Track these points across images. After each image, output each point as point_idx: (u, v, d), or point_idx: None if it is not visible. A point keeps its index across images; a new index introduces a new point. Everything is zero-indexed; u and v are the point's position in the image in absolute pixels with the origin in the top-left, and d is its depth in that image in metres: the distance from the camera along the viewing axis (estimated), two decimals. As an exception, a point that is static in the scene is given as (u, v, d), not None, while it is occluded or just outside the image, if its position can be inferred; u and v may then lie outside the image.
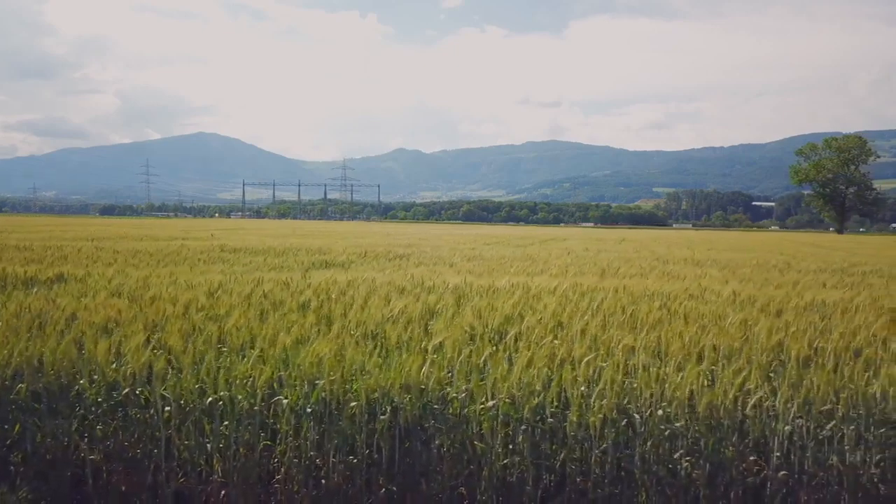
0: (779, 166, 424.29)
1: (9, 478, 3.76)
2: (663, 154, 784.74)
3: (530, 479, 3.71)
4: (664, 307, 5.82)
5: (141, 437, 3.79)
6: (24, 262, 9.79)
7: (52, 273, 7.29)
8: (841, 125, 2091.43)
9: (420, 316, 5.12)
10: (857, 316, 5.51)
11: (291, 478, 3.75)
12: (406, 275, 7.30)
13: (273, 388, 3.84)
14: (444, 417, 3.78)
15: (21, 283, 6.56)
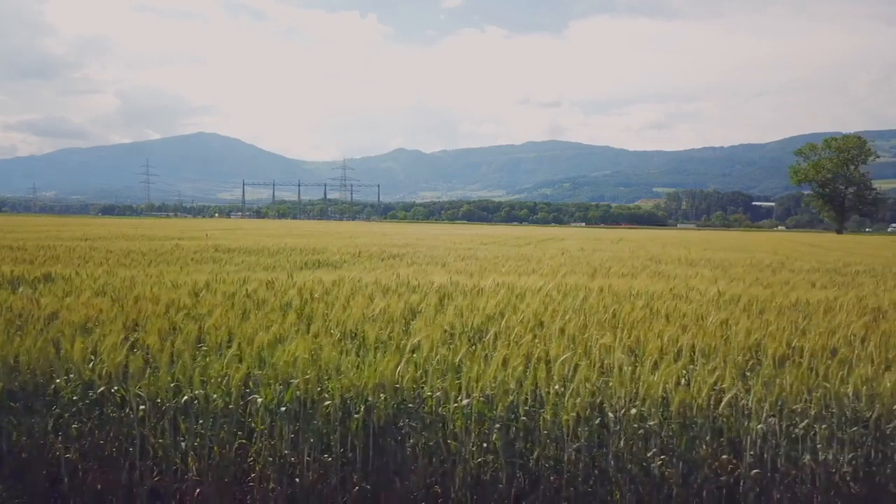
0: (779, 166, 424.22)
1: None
2: (663, 154, 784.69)
3: (504, 477, 3.72)
4: (647, 306, 5.83)
5: (117, 435, 3.80)
6: (14, 261, 9.81)
7: (40, 273, 7.30)
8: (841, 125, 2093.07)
9: (401, 315, 5.13)
10: (839, 315, 5.52)
11: (266, 476, 3.76)
12: (393, 274, 7.31)
13: (249, 386, 3.86)
14: (418, 416, 3.80)
15: (7, 283, 6.58)
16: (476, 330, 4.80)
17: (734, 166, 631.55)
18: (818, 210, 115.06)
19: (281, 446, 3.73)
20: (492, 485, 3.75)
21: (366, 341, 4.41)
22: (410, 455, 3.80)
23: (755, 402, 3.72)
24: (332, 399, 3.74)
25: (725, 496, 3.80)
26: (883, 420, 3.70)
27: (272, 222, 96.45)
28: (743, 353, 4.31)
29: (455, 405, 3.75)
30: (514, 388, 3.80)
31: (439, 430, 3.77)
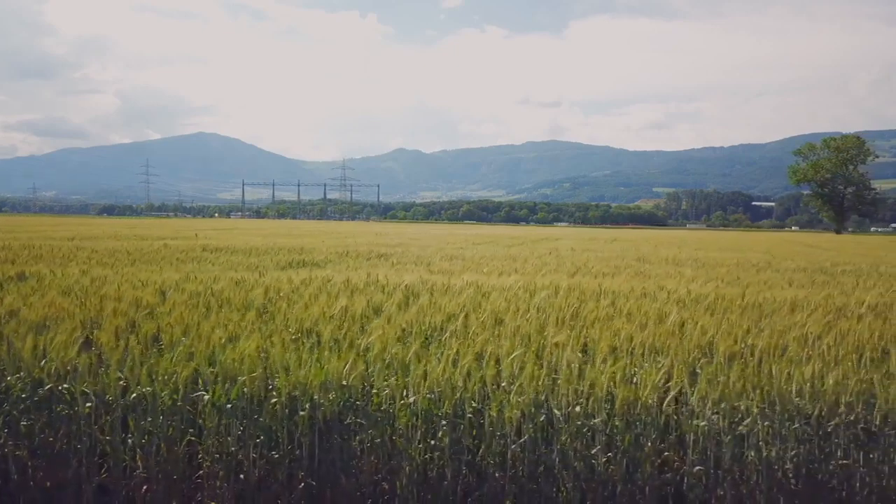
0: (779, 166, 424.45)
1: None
2: (663, 154, 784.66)
3: (450, 473, 3.75)
4: (612, 305, 5.86)
5: (66, 432, 3.82)
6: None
7: (14, 272, 7.33)
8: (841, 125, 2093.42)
9: (362, 314, 5.16)
10: (801, 314, 5.54)
11: (215, 473, 3.79)
12: (364, 273, 7.34)
13: (198, 384, 3.88)
14: (365, 413, 3.82)
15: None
16: (433, 329, 4.83)
17: (734, 166, 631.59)
18: (817, 210, 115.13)
19: (228, 443, 3.76)
20: (438, 481, 3.77)
21: (320, 339, 4.43)
22: (357, 452, 3.83)
23: (697, 399, 3.75)
24: (278, 396, 3.77)
25: (672, 493, 3.84)
26: (825, 417, 3.73)
27: (270, 222, 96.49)
28: (694, 352, 4.33)
29: (402, 402, 3.77)
30: (461, 385, 3.82)
31: (387, 428, 3.79)
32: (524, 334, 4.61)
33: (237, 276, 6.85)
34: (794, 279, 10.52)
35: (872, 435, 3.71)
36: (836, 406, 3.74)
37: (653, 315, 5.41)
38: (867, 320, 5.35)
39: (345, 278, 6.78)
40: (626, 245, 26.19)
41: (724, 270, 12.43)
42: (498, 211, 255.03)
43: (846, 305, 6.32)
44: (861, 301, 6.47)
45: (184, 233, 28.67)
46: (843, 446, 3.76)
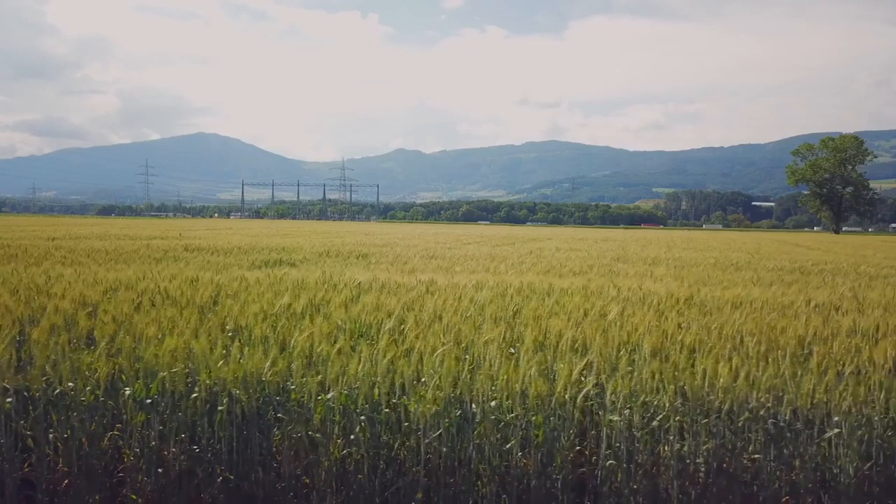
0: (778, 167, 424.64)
1: None
2: (663, 154, 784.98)
3: (366, 468, 3.80)
4: (557, 303, 5.91)
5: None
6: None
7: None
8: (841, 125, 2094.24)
9: (302, 311, 5.21)
10: (741, 312, 5.59)
11: (137, 468, 3.84)
12: (319, 272, 7.40)
13: (122, 379, 3.94)
14: (284, 409, 3.88)
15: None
16: (368, 326, 4.88)
17: (734, 167, 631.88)
18: (814, 210, 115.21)
19: (148, 438, 3.81)
20: (355, 475, 3.83)
21: (251, 337, 4.48)
22: (276, 447, 3.88)
23: (610, 394, 3.80)
24: (199, 392, 3.83)
25: (589, 488, 3.89)
26: (736, 412, 3.78)
27: (267, 222, 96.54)
28: (618, 348, 4.39)
29: (319, 398, 3.83)
30: (379, 380, 3.87)
31: (305, 423, 3.84)
32: (457, 331, 4.66)
33: (194, 274, 6.91)
34: (763, 278, 10.58)
35: (781, 429, 3.76)
36: (747, 401, 3.80)
37: (593, 312, 5.47)
38: (806, 318, 5.40)
39: (302, 277, 6.83)
40: (614, 245, 26.24)
41: (697, 270, 12.50)
42: (497, 211, 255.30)
43: (793, 303, 6.37)
44: (808, 300, 6.53)
45: (174, 233, 28.73)
46: (754, 441, 3.82)
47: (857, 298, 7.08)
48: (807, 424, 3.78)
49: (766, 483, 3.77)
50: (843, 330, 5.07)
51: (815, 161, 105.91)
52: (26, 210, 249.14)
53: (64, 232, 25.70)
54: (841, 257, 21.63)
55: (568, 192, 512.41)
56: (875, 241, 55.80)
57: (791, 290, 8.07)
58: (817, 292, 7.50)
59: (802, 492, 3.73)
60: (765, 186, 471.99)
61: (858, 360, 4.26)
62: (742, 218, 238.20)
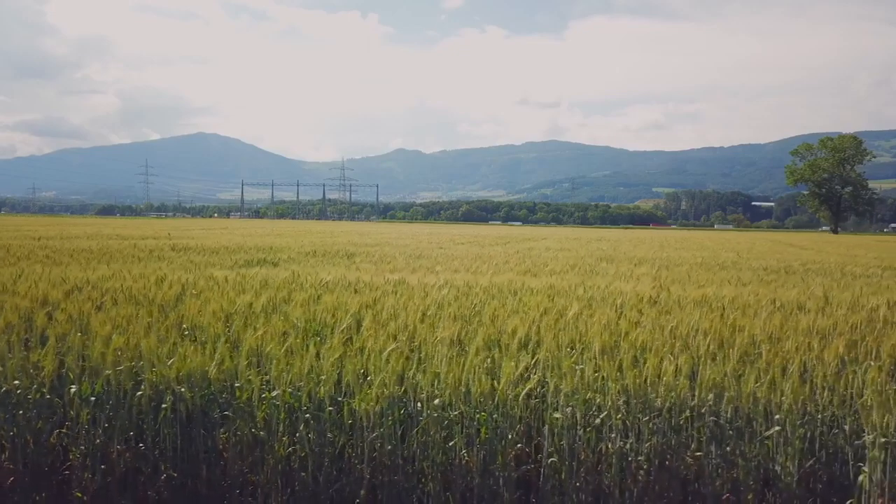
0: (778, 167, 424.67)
1: None
2: (663, 154, 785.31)
3: (311, 465, 3.82)
4: (520, 301, 5.93)
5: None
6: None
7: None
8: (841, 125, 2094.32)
9: (262, 310, 5.23)
10: (701, 311, 5.61)
11: (83, 465, 3.86)
12: (287, 272, 7.41)
13: (70, 377, 3.96)
14: (231, 407, 3.89)
15: None
16: (324, 325, 4.90)
17: (734, 167, 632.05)
18: (813, 210, 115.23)
19: (94, 436, 3.83)
20: (300, 473, 3.84)
21: (204, 334, 4.50)
22: (223, 445, 3.90)
23: (553, 391, 3.82)
24: (145, 390, 3.85)
25: (534, 485, 3.91)
26: (674, 410, 3.80)
27: (265, 222, 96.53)
28: (568, 346, 4.40)
29: (263, 396, 3.85)
30: (325, 379, 3.89)
31: (251, 421, 3.86)
32: (412, 330, 4.67)
33: (164, 273, 6.92)
34: (742, 277, 10.59)
35: (723, 428, 3.78)
36: (690, 400, 3.82)
37: (554, 312, 5.48)
38: (766, 317, 5.42)
39: (270, 276, 6.85)
40: (606, 245, 26.25)
41: (680, 269, 12.50)
42: (497, 211, 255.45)
43: (759, 303, 6.39)
44: (774, 299, 6.54)
45: (166, 233, 28.75)
46: (696, 439, 3.83)
47: (826, 298, 7.09)
48: (748, 422, 3.79)
49: (707, 480, 3.79)
50: (800, 329, 5.08)
51: (813, 161, 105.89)
52: (26, 210, 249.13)
53: (56, 232, 25.72)
54: (831, 257, 21.64)
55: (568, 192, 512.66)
56: (871, 240, 55.80)
57: (765, 289, 8.09)
58: (788, 292, 7.51)
59: (743, 489, 3.74)
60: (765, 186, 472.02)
61: (807, 359, 4.27)
62: (742, 218, 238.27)
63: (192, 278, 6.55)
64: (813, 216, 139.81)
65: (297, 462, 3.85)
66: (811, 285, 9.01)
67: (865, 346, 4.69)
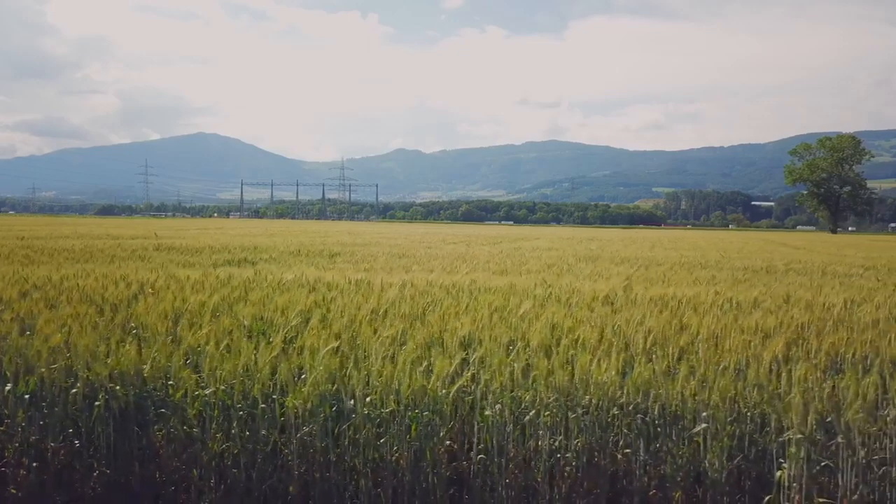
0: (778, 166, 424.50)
1: None
2: (663, 154, 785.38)
3: (243, 461, 3.85)
4: (475, 299, 5.97)
5: None
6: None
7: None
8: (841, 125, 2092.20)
9: (212, 309, 5.26)
10: (651, 310, 5.64)
11: (19, 462, 3.90)
12: (251, 271, 7.45)
13: (6, 375, 3.99)
14: (164, 404, 3.93)
15: None
16: (269, 324, 4.93)
17: (734, 166, 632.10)
18: (812, 210, 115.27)
19: (28, 433, 3.87)
20: (233, 470, 3.88)
21: (147, 333, 4.54)
22: (158, 442, 3.94)
23: (482, 388, 3.86)
24: (78, 388, 3.88)
25: (466, 482, 3.94)
26: (603, 408, 3.83)
27: (263, 222, 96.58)
28: (507, 344, 4.44)
29: (197, 393, 3.88)
30: (259, 376, 3.92)
31: (184, 418, 3.90)
32: (356, 329, 4.71)
33: (126, 273, 6.97)
34: (716, 277, 10.62)
35: (650, 425, 3.81)
36: (618, 397, 3.85)
37: (507, 310, 5.51)
38: (715, 316, 5.46)
39: (233, 275, 6.89)
40: (596, 245, 26.28)
41: (660, 268, 12.54)
42: (497, 211, 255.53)
43: (716, 302, 6.42)
44: (731, 298, 6.58)
45: (161, 232, 28.80)
46: (625, 436, 3.87)
47: (787, 297, 7.13)
48: (675, 420, 3.83)
49: (635, 477, 3.82)
50: (746, 328, 5.11)
51: (812, 161, 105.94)
52: (26, 210, 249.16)
53: (47, 232, 25.76)
54: (819, 257, 21.67)
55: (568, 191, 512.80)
56: (867, 240, 55.79)
57: (731, 288, 8.11)
58: (751, 291, 7.54)
59: (669, 485, 3.78)
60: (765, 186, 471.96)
61: (743, 357, 4.30)
62: (741, 218, 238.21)
63: (153, 278, 6.59)
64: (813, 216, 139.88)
65: (230, 459, 3.89)
66: (780, 285, 9.04)
67: (806, 345, 4.73)
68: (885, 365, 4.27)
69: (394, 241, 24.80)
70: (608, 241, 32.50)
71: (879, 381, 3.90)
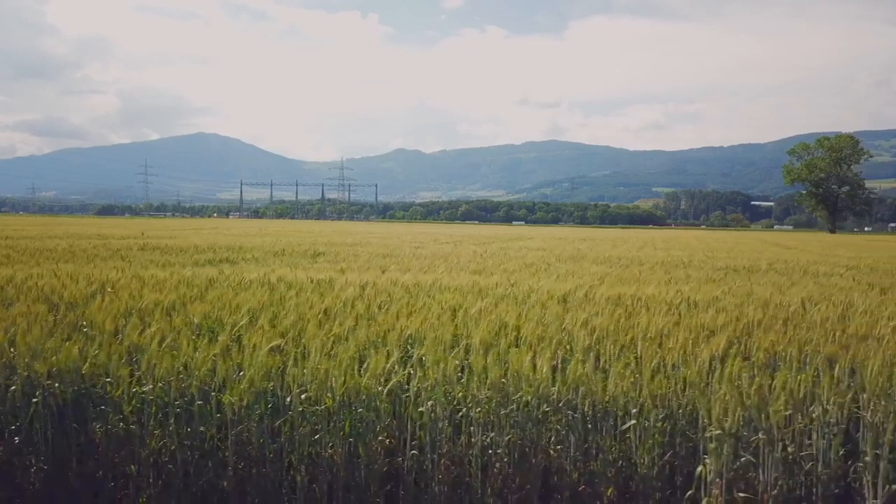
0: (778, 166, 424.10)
1: None
2: (663, 154, 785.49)
3: (179, 457, 3.91)
4: (431, 298, 6.02)
5: None
6: None
7: None
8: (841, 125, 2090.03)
9: (166, 308, 5.32)
10: (602, 309, 5.70)
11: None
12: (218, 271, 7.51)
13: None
14: (104, 401, 3.98)
15: None
16: (219, 322, 4.99)
17: (734, 166, 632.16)
18: (810, 210, 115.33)
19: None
20: (169, 465, 3.93)
21: (94, 330, 4.59)
22: (95, 438, 3.99)
23: (415, 385, 3.91)
24: (17, 385, 3.94)
25: (401, 478, 3.99)
26: (534, 404, 3.88)
27: (261, 222, 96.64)
28: (449, 342, 4.49)
29: (135, 390, 3.94)
30: (199, 374, 3.98)
31: (121, 415, 3.95)
32: (302, 328, 4.75)
33: (93, 272, 7.02)
34: (691, 276, 10.68)
35: (579, 421, 3.87)
36: (550, 394, 3.90)
37: (462, 308, 5.56)
38: (664, 315, 5.51)
39: (195, 275, 6.94)
40: (585, 245, 26.33)
41: (640, 268, 12.59)
42: (497, 211, 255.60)
43: (672, 301, 6.47)
44: (687, 297, 6.63)
45: (149, 232, 28.87)
46: (556, 432, 3.92)
47: (748, 295, 7.19)
48: (605, 417, 3.88)
49: (566, 473, 3.87)
50: (694, 325, 5.16)
51: (810, 161, 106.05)
52: (26, 210, 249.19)
53: (38, 232, 25.82)
54: (808, 256, 21.73)
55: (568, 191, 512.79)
56: (862, 240, 55.80)
57: (700, 288, 8.16)
58: (714, 290, 7.59)
59: (598, 481, 3.83)
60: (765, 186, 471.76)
61: (681, 355, 4.36)
62: (741, 217, 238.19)
63: (117, 277, 6.64)
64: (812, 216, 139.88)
65: (167, 455, 3.94)
66: (748, 284, 9.09)
67: (747, 343, 4.78)
68: (821, 362, 4.33)
69: (384, 241, 24.85)
70: (601, 241, 32.56)
71: (811, 378, 3.96)
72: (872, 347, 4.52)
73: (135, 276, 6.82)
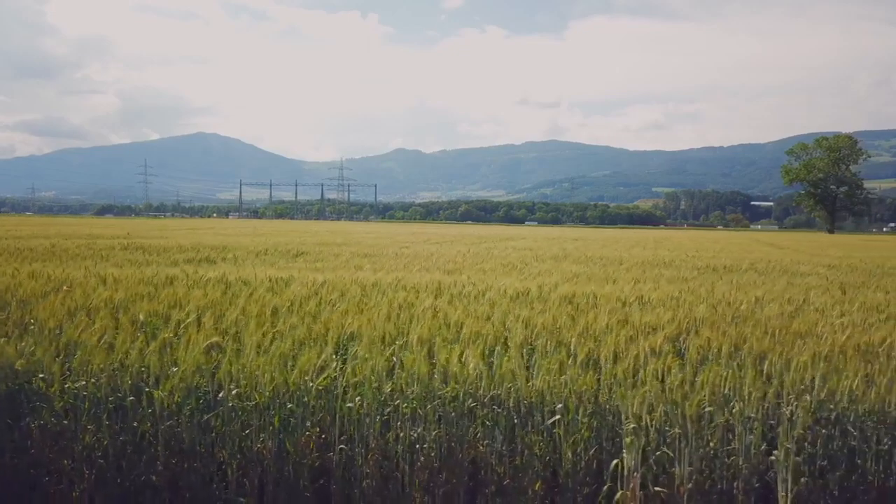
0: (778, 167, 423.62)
1: None
2: (663, 154, 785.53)
3: (112, 452, 3.96)
4: (385, 296, 6.08)
5: None
6: None
7: None
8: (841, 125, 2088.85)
9: (117, 305, 5.38)
10: (550, 306, 5.75)
11: None
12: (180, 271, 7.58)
13: None
14: (38, 396, 4.04)
15: None
16: (164, 320, 5.04)
17: (734, 166, 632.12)
18: (809, 210, 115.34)
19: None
20: (101, 460, 3.99)
21: (37, 327, 4.65)
22: (29, 433, 4.04)
23: (343, 381, 3.97)
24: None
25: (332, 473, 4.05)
26: (461, 400, 3.94)
27: (258, 222, 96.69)
28: (388, 339, 4.55)
29: (67, 386, 4.00)
30: (132, 370, 4.04)
31: (53, 411, 4.00)
32: (244, 326, 4.81)
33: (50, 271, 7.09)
34: (665, 275, 10.74)
35: (499, 416, 3.92)
36: (476, 389, 3.96)
37: (416, 307, 5.61)
38: (612, 312, 5.57)
39: (155, 272, 7.00)
40: (574, 245, 26.36)
41: (617, 267, 12.65)
42: (496, 211, 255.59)
43: (627, 299, 6.52)
44: (641, 295, 6.69)
45: (142, 232, 28.93)
46: (483, 428, 3.97)
47: (708, 294, 7.25)
48: (530, 412, 3.93)
49: (494, 467, 3.93)
50: (639, 323, 5.22)
51: (809, 161, 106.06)
52: (25, 210, 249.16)
53: (29, 232, 25.88)
54: (795, 256, 21.80)
55: (568, 191, 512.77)
56: (858, 240, 55.78)
57: (665, 286, 8.22)
58: (673, 288, 7.65)
59: (523, 476, 3.88)
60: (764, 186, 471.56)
61: (613, 352, 4.41)
62: (741, 217, 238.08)
63: (77, 275, 6.70)
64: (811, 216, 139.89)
65: (100, 449, 4.00)
66: (711, 283, 9.15)
67: (686, 341, 4.84)
68: (752, 359, 4.38)
69: (375, 241, 24.90)
70: (592, 241, 32.60)
71: (736, 374, 4.02)
72: (807, 344, 4.59)
73: (96, 274, 6.88)
